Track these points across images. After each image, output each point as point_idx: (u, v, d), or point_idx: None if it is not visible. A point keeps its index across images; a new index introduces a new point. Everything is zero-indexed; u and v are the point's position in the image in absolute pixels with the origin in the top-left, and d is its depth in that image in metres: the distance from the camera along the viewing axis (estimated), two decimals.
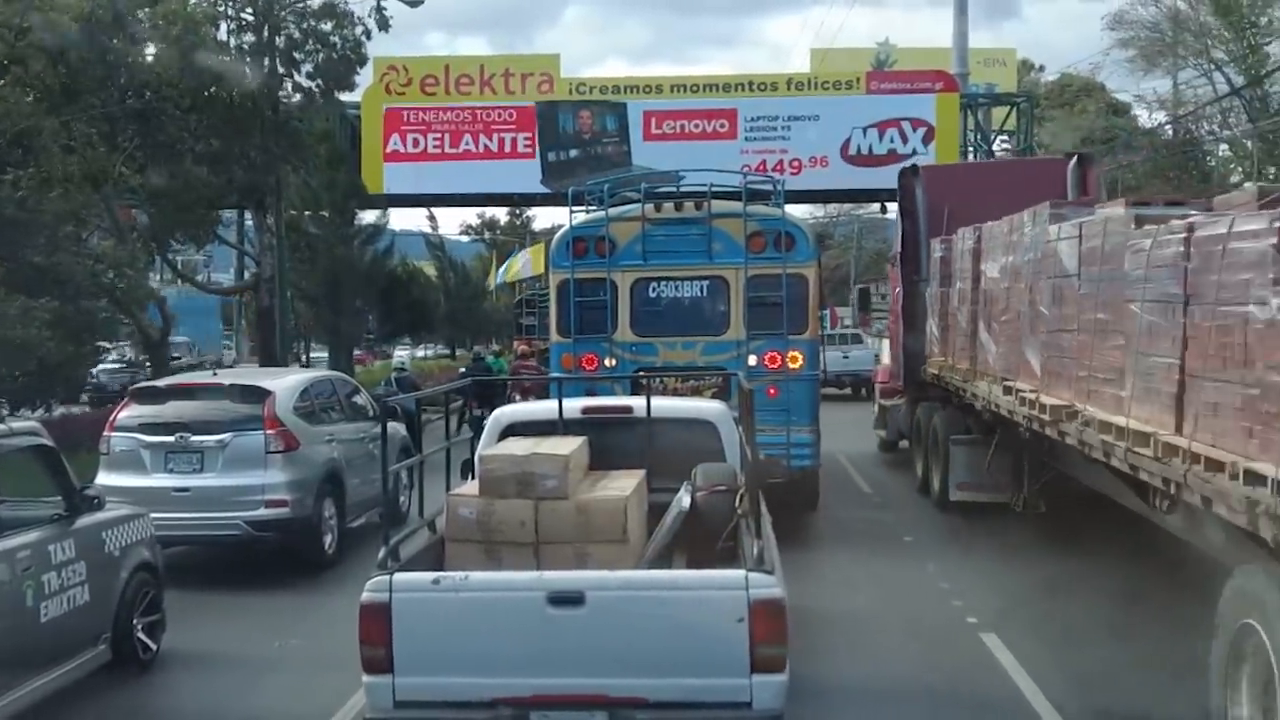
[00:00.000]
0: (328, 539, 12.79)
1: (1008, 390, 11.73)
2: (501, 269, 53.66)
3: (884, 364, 22.94)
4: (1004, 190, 14.82)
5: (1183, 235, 7.44)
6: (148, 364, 22.40)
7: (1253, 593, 6.35)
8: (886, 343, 23.50)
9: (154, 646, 9.26)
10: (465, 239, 73.44)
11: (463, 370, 26.02)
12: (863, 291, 29.55)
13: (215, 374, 15.16)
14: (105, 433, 12.59)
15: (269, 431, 12.25)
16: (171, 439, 12.21)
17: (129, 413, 12.66)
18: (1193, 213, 8.10)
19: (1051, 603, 10.59)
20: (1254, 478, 6.03)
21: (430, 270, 51.13)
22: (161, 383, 14.21)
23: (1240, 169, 40.67)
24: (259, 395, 12.61)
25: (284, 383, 13.36)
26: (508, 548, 6.92)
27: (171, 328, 24.44)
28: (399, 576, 6.21)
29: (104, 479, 11.88)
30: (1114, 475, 8.99)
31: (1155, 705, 7.71)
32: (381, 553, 6.43)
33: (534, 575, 6.35)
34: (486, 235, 75.23)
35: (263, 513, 12.06)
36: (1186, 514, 7.83)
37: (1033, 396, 10.69)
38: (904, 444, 19.78)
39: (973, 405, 13.94)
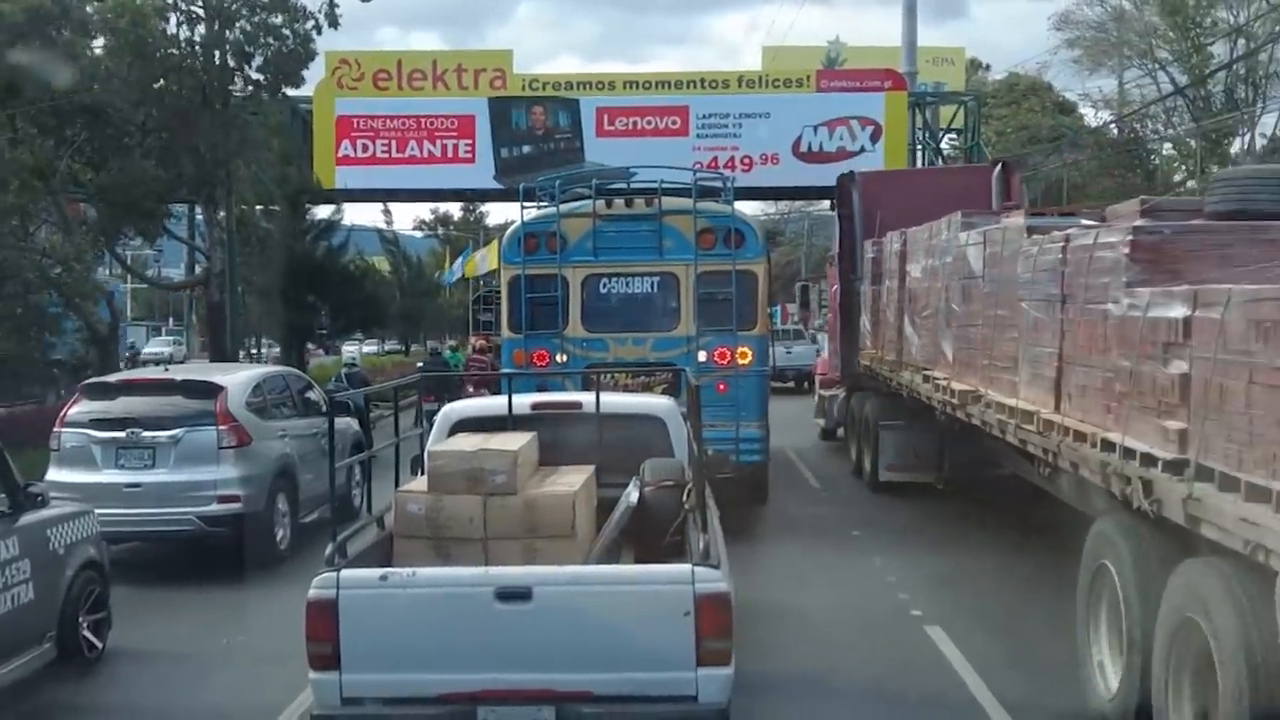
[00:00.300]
0: (280, 534, 12.77)
1: (926, 379, 12.86)
2: (456, 264, 53.46)
3: (823, 357, 24.22)
4: (934, 195, 15.68)
5: (1061, 244, 8.71)
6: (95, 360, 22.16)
7: (1106, 539, 7.60)
8: (826, 337, 24.65)
9: (100, 645, 9.21)
10: (419, 234, 73.22)
11: (420, 364, 26.22)
12: (804, 289, 30.58)
13: (166, 370, 15.13)
14: (56, 428, 12.50)
15: (221, 427, 12.21)
16: (123, 434, 12.14)
17: (79, 408, 12.57)
18: (1084, 222, 9.48)
19: (990, 593, 10.80)
20: (1108, 445, 7.32)
21: (384, 266, 50.84)
22: (112, 378, 14.13)
23: (1184, 167, 41.29)
24: (211, 391, 12.56)
25: (236, 378, 13.32)
26: (456, 543, 6.94)
27: (120, 322, 24.21)
28: (346, 573, 6.20)
29: (54, 475, 11.85)
30: (1012, 450, 10.17)
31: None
32: (329, 549, 6.44)
33: (481, 571, 6.37)
34: (440, 231, 74.98)
35: (215, 508, 12.03)
36: (1066, 479, 8.96)
37: (945, 383, 11.89)
38: (842, 432, 20.63)
39: (899, 393, 14.88)
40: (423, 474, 7.67)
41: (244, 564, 12.01)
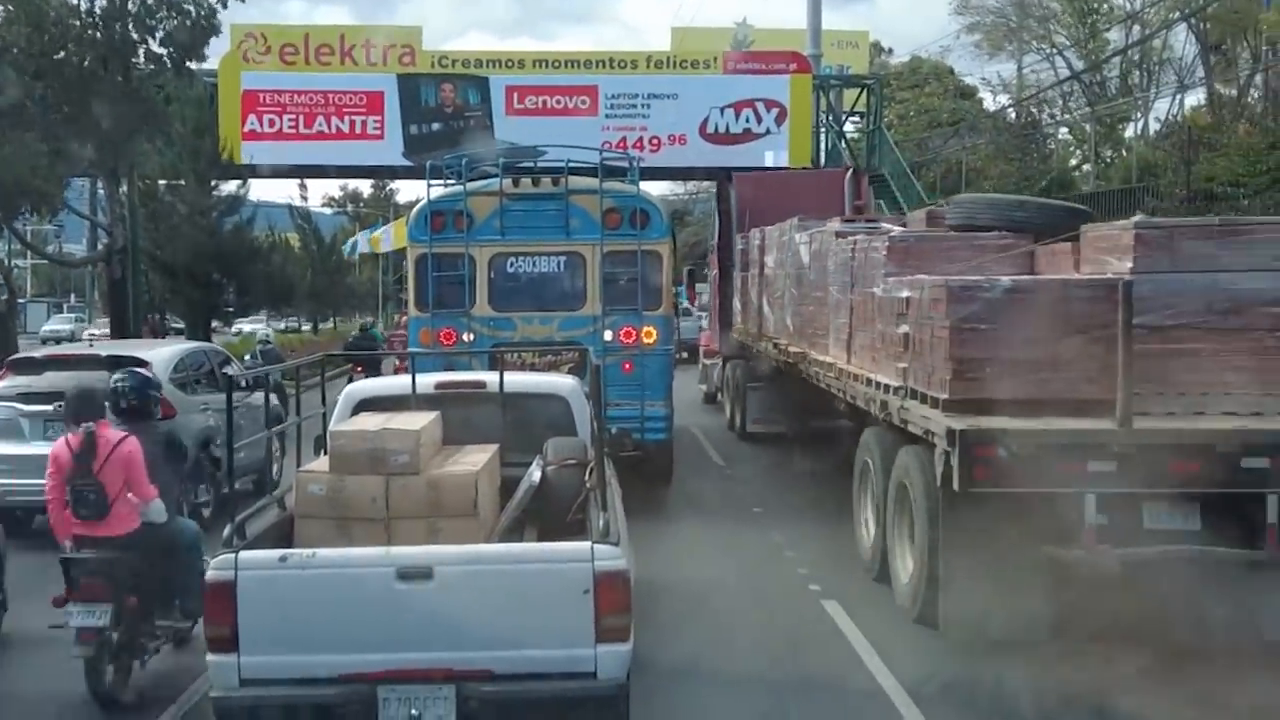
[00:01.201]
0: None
1: (775, 346, 15.76)
2: (361, 236, 53.01)
3: (706, 332, 27.27)
4: (796, 195, 18.43)
5: (851, 245, 11.77)
6: None
7: (866, 442, 11.09)
8: (709, 315, 27.77)
9: None
10: (328, 211, 72.42)
11: (350, 339, 26.66)
12: (690, 272, 32.92)
13: (91, 345, 15.42)
14: None
15: None
16: (50, 408, 12.16)
17: (7, 382, 12.83)
18: (884, 226, 13.11)
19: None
20: (870, 382, 10.67)
21: (295, 242, 50.14)
22: (39, 353, 14.31)
23: (1079, 151, 42.17)
24: (136, 365, 12.58)
25: (160, 353, 13.56)
26: (358, 524, 6.95)
27: (17, 299, 23.72)
28: (244, 554, 6.16)
29: None
30: (828, 395, 12.96)
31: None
32: (227, 530, 6.41)
33: (382, 551, 6.35)
34: (350, 208, 74.24)
35: None
36: (854, 410, 11.89)
37: (786, 348, 14.85)
38: (720, 396, 23.14)
39: (760, 359, 17.89)
40: (325, 454, 7.68)
41: None
